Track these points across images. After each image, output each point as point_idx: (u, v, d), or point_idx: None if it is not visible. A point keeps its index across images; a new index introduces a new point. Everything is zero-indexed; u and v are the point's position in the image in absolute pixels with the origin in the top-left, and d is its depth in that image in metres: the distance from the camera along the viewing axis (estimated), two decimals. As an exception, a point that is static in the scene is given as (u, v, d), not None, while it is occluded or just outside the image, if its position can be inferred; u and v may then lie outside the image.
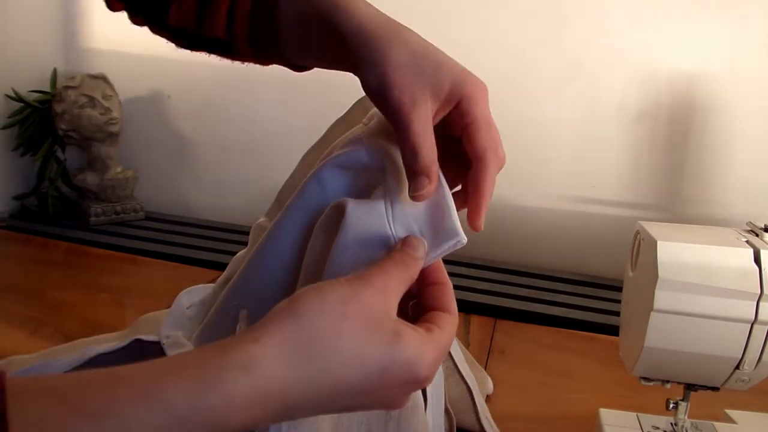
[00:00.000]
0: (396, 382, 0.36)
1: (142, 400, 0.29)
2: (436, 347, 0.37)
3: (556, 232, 1.13)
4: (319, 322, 0.34)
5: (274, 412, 0.33)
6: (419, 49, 0.42)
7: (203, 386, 0.30)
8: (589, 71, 1.07)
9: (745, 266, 0.52)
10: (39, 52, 1.23)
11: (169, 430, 0.29)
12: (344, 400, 0.35)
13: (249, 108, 1.22)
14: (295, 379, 0.33)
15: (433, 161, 0.41)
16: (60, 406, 0.27)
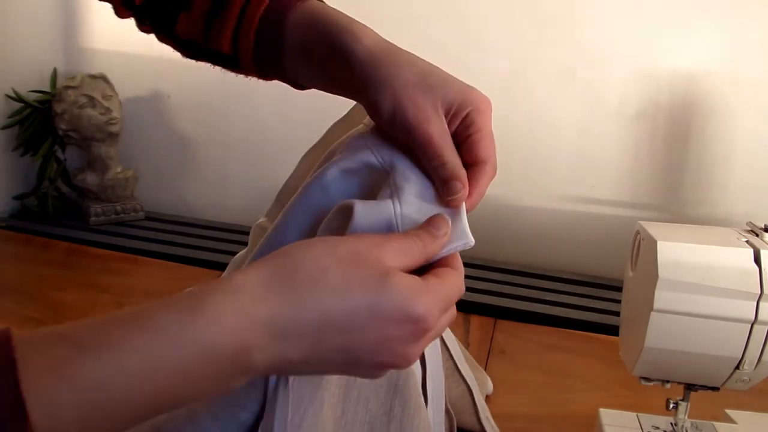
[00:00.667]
0: (389, 319, 0.35)
1: (134, 329, 0.31)
2: (434, 292, 0.37)
3: (556, 232, 1.13)
4: (304, 259, 0.35)
5: (261, 340, 0.33)
6: (425, 68, 0.45)
7: (190, 311, 0.32)
8: (589, 71, 1.07)
9: (745, 266, 0.52)
10: (39, 52, 1.23)
11: (162, 355, 0.30)
12: (335, 338, 0.34)
13: (249, 108, 1.22)
14: (279, 304, 0.33)
15: (461, 167, 0.43)
16: (61, 344, 0.29)
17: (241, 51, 0.51)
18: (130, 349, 0.30)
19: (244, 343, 0.32)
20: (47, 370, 0.28)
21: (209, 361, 0.32)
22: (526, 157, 1.12)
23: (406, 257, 0.38)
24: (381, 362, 0.37)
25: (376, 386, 0.46)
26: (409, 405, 0.46)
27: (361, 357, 0.36)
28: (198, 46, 0.54)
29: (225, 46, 0.52)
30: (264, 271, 0.34)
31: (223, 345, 0.32)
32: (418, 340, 0.37)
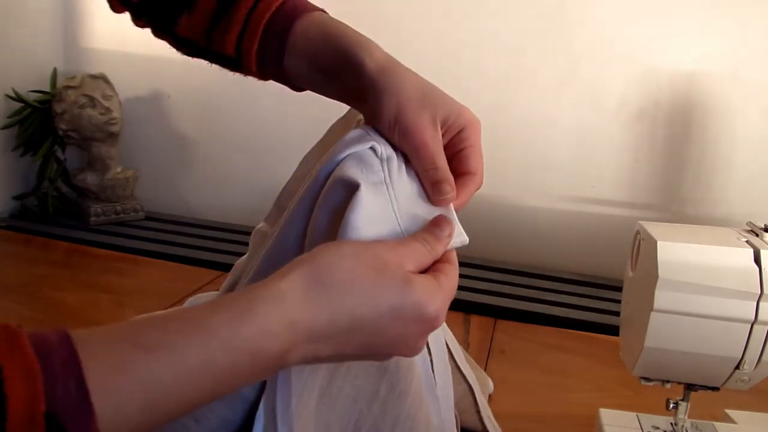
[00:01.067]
0: (407, 320, 0.40)
1: (191, 331, 0.33)
2: (443, 291, 0.41)
3: (556, 232, 1.13)
4: (335, 268, 0.39)
5: (300, 343, 0.37)
6: (425, 84, 0.49)
7: (241, 316, 0.35)
8: (589, 71, 1.07)
9: (745, 266, 0.52)
10: (39, 52, 1.23)
11: (216, 356, 0.33)
12: (360, 338, 0.39)
13: (249, 108, 1.22)
14: (317, 311, 0.37)
15: (450, 173, 0.48)
16: (121, 344, 0.32)
17: (245, 54, 0.53)
18: (188, 353, 0.33)
19: (285, 346, 0.36)
20: (110, 369, 0.31)
21: (254, 362, 0.35)
22: (526, 156, 1.12)
23: (419, 260, 0.42)
24: (393, 353, 0.42)
25: (367, 365, 0.47)
26: (395, 388, 0.47)
27: (377, 351, 0.41)
28: (198, 46, 0.54)
29: (228, 49, 0.53)
30: (302, 277, 0.38)
31: (268, 348, 0.35)
32: (427, 333, 0.42)
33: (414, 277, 0.40)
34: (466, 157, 0.50)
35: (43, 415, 0.28)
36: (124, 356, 0.31)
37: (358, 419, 0.47)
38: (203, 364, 0.33)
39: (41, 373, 0.29)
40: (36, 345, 0.30)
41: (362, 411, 0.47)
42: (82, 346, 0.30)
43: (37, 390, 0.28)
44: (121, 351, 0.31)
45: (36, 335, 0.30)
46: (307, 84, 0.55)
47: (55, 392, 0.29)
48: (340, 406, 0.46)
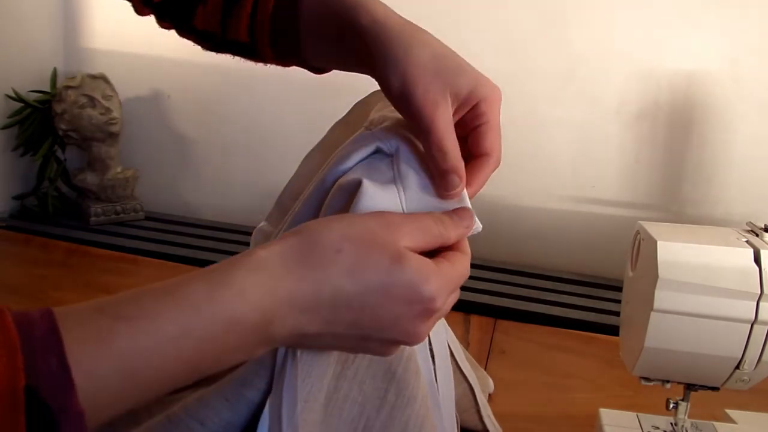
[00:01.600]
0: (399, 299, 0.37)
1: (168, 300, 0.33)
2: (444, 275, 0.39)
3: (556, 232, 1.13)
4: (320, 239, 0.37)
5: (282, 314, 0.35)
6: (440, 51, 0.44)
7: (218, 284, 0.34)
8: (589, 71, 1.07)
9: (745, 266, 0.52)
10: (39, 52, 1.23)
11: (192, 324, 0.33)
12: (347, 314, 0.37)
13: (249, 108, 1.22)
14: (297, 280, 0.35)
15: (460, 159, 0.43)
16: (101, 316, 0.31)
17: (258, 38, 0.52)
18: (164, 320, 0.32)
19: (266, 316, 0.35)
20: (89, 340, 0.30)
21: (233, 330, 0.34)
22: (526, 156, 1.12)
23: (423, 237, 0.40)
24: (391, 339, 0.39)
25: (374, 370, 0.46)
26: (403, 394, 0.47)
27: (371, 334, 0.38)
28: (216, 38, 0.54)
29: (242, 35, 0.52)
30: (284, 247, 0.36)
31: (246, 317, 0.34)
32: (427, 319, 0.39)
33: (407, 254, 0.38)
34: (481, 135, 0.45)
35: (23, 389, 0.28)
36: (104, 328, 0.31)
37: (365, 426, 0.46)
38: (180, 332, 0.32)
39: (21, 348, 0.29)
40: (18, 321, 0.30)
41: (370, 417, 0.46)
42: (63, 320, 0.30)
43: (17, 365, 0.28)
44: (100, 323, 0.31)
45: (19, 313, 0.31)
46: (321, 61, 0.52)
47: (36, 366, 0.28)
48: (348, 411, 0.46)
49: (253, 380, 0.43)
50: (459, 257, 0.41)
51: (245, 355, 0.37)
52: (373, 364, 0.46)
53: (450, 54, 0.45)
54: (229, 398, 0.43)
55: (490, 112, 0.45)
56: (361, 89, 0.52)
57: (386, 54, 0.43)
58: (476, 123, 0.45)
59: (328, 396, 0.45)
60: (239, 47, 0.54)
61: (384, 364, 0.46)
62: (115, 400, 0.31)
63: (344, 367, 0.46)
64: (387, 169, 0.44)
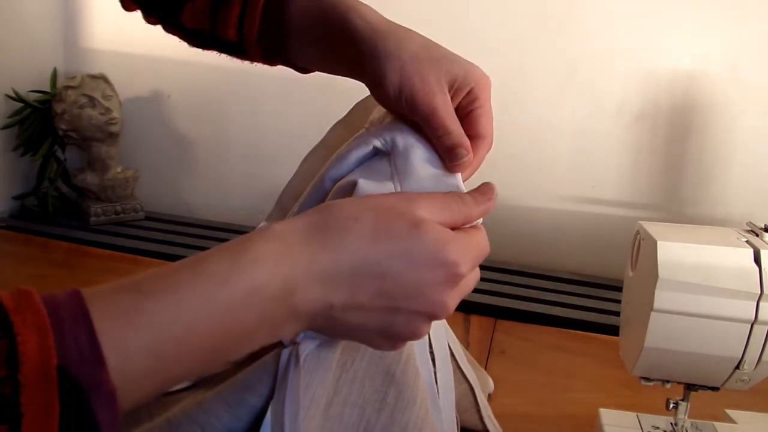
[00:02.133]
0: (422, 264, 0.37)
1: (189, 273, 0.33)
2: (465, 242, 0.39)
3: (556, 232, 1.13)
4: (338, 211, 0.37)
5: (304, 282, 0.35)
6: (428, 43, 0.46)
7: (236, 255, 0.34)
8: (589, 71, 1.07)
9: (745, 266, 0.52)
10: (39, 52, 1.23)
11: (214, 296, 0.33)
12: (371, 283, 0.36)
13: (249, 108, 1.22)
14: (316, 248, 0.35)
15: (465, 136, 0.44)
16: (126, 293, 0.32)
17: (246, 37, 0.52)
18: (186, 291, 0.32)
19: (287, 284, 0.35)
20: (117, 316, 0.30)
21: (255, 301, 0.34)
22: (526, 157, 1.12)
23: (442, 212, 0.40)
24: (419, 310, 0.38)
25: (373, 373, 0.46)
26: (403, 396, 0.47)
27: (399, 304, 0.37)
28: (204, 35, 0.54)
29: (231, 33, 0.53)
30: (300, 221, 0.37)
31: (266, 284, 0.34)
32: (453, 286, 0.38)
33: (426, 220, 0.38)
34: (475, 119, 0.46)
35: (55, 368, 0.28)
36: (130, 304, 0.31)
37: (366, 429, 0.46)
38: (201, 303, 0.32)
39: (51, 328, 0.28)
40: (46, 302, 0.30)
41: (370, 420, 0.46)
42: (90, 299, 0.30)
43: (48, 344, 0.28)
44: (127, 300, 0.31)
45: (48, 295, 0.30)
46: (308, 61, 0.53)
47: (66, 345, 0.28)
48: (348, 415, 0.46)
49: (256, 385, 0.43)
50: (476, 231, 0.42)
51: (271, 331, 0.36)
52: (372, 367, 0.46)
53: (437, 45, 0.46)
54: (230, 403, 0.43)
55: (483, 97, 0.46)
56: (361, 89, 0.52)
57: (380, 52, 0.44)
58: (470, 108, 0.46)
59: (328, 400, 0.45)
60: (227, 45, 0.54)
61: (383, 366, 0.46)
62: (145, 379, 0.31)
63: (343, 371, 0.46)
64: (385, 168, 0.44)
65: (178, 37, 0.57)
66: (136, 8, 0.58)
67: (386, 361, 0.46)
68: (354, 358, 0.46)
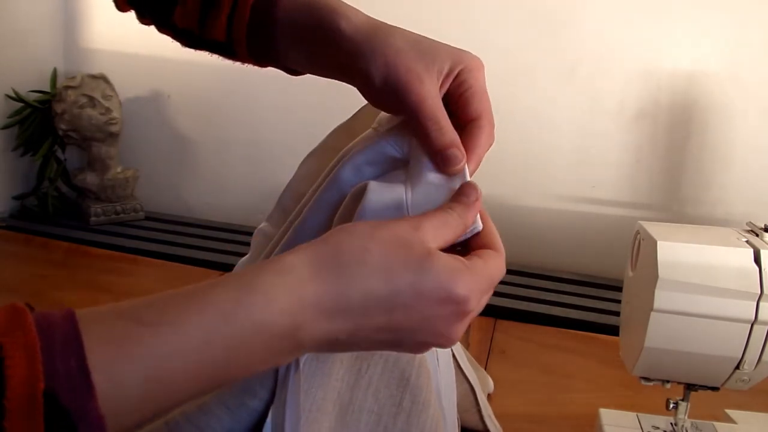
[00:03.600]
0: (431, 299, 0.36)
1: (193, 305, 0.32)
2: (476, 274, 0.37)
3: (556, 232, 1.13)
4: (347, 242, 0.36)
5: (312, 319, 0.34)
6: (414, 36, 0.45)
7: (245, 289, 0.33)
8: (589, 71, 1.07)
9: (745, 266, 0.52)
10: (39, 52, 1.23)
11: (218, 330, 0.32)
12: (379, 318, 0.36)
13: (249, 108, 1.22)
14: (326, 284, 0.35)
15: (455, 132, 0.42)
16: (122, 320, 0.31)
17: (235, 39, 0.52)
18: (189, 326, 0.31)
19: (294, 322, 0.34)
20: (110, 344, 0.30)
21: (262, 338, 0.33)
22: (526, 156, 1.12)
23: (446, 232, 0.39)
24: (424, 341, 0.38)
25: (388, 378, 0.46)
26: (418, 400, 0.46)
27: (404, 336, 0.37)
28: (194, 36, 0.55)
29: (220, 35, 0.53)
30: (311, 252, 0.36)
31: (274, 323, 0.33)
32: (460, 320, 0.38)
33: (436, 253, 0.37)
34: (466, 100, 0.44)
35: (42, 392, 0.27)
36: (125, 332, 0.30)
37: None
38: (205, 337, 0.31)
39: (41, 351, 0.28)
40: (39, 322, 0.29)
41: (387, 426, 0.46)
42: (84, 322, 0.30)
43: (36, 368, 0.28)
44: (122, 327, 0.31)
45: (42, 314, 0.30)
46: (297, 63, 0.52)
47: (56, 369, 0.28)
48: (365, 422, 0.46)
49: (256, 389, 0.43)
50: (492, 255, 0.40)
51: (273, 363, 0.36)
52: (386, 373, 0.46)
53: (425, 38, 0.45)
54: (230, 406, 0.43)
55: (473, 78, 0.44)
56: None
57: (365, 51, 0.44)
58: (460, 91, 0.44)
59: (344, 408, 0.45)
60: (216, 46, 0.54)
61: (398, 371, 0.46)
62: (139, 407, 0.31)
63: (358, 377, 0.46)
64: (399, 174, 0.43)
65: (171, 38, 0.58)
66: (129, 9, 0.59)
67: (401, 366, 0.46)
68: (369, 364, 0.46)
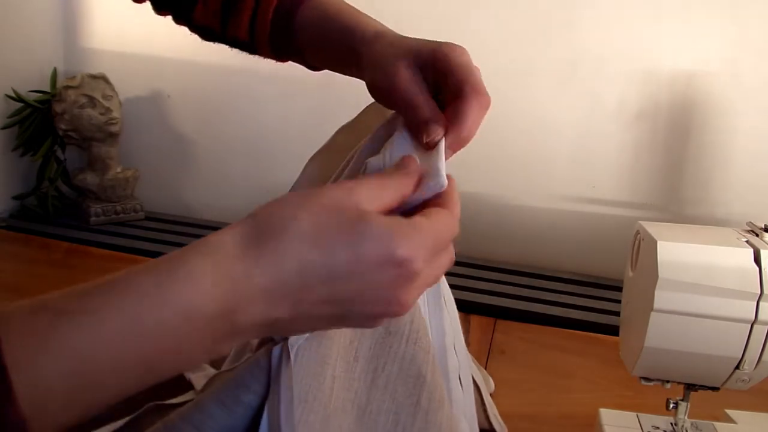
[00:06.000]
0: (371, 261, 0.33)
1: (114, 292, 0.30)
2: (418, 231, 0.34)
3: (556, 232, 1.13)
4: (275, 214, 0.34)
5: (245, 300, 0.32)
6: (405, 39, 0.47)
7: (168, 273, 0.31)
8: (589, 71, 1.07)
9: (745, 266, 0.52)
10: (39, 52, 1.23)
11: (143, 318, 0.30)
12: (319, 289, 0.33)
13: (249, 107, 1.22)
14: (257, 259, 0.32)
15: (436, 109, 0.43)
16: (41, 313, 0.29)
17: (258, 38, 0.54)
18: (109, 314, 0.29)
19: (226, 305, 0.32)
20: (28, 340, 0.28)
21: (193, 325, 0.31)
22: (526, 157, 1.12)
23: (384, 194, 0.37)
24: (372, 312, 0.35)
25: (405, 377, 0.46)
26: (434, 397, 0.46)
27: (349, 308, 0.34)
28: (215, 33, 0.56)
29: (242, 34, 0.55)
30: (236, 229, 0.33)
31: (204, 306, 0.31)
32: (407, 284, 0.35)
33: (372, 213, 0.34)
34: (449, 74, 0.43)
35: None
36: (45, 325, 0.28)
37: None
38: (129, 325, 0.29)
39: None
40: None
41: (406, 426, 0.45)
42: (3, 319, 0.28)
43: None
44: (42, 320, 0.28)
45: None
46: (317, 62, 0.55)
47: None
48: (383, 423, 0.45)
49: (250, 383, 0.43)
50: (440, 212, 0.37)
51: (210, 349, 0.33)
52: (403, 371, 0.46)
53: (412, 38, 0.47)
54: (225, 402, 0.42)
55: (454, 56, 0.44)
56: (362, 89, 0.52)
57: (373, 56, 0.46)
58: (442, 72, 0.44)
59: (361, 408, 0.45)
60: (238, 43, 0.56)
61: (414, 369, 0.46)
62: (65, 405, 0.28)
63: (374, 377, 0.45)
64: None
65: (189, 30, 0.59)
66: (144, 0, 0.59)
67: (417, 363, 0.46)
68: (385, 362, 0.46)
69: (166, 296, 0.30)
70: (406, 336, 0.47)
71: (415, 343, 0.47)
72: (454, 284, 1.00)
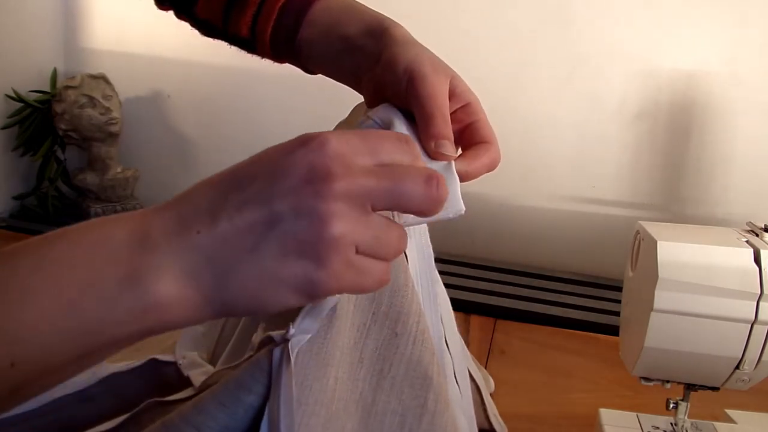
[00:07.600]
0: (280, 146, 0.33)
1: (30, 245, 0.30)
2: (349, 132, 0.34)
3: (556, 232, 1.13)
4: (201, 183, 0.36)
5: (157, 209, 0.34)
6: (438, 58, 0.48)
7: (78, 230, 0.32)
8: (589, 71, 1.07)
9: (745, 266, 0.52)
10: (39, 52, 1.23)
11: (53, 254, 0.30)
12: (232, 196, 0.33)
13: (249, 107, 1.22)
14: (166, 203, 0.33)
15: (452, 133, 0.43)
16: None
17: (259, 37, 0.54)
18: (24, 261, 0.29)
19: (134, 225, 0.33)
20: None
21: (102, 245, 0.31)
22: (526, 157, 1.12)
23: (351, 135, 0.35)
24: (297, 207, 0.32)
25: (411, 378, 0.46)
26: (440, 399, 0.46)
27: (269, 206, 0.32)
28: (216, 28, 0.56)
29: (243, 31, 0.54)
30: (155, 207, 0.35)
31: (113, 233, 0.32)
32: (324, 183, 0.31)
33: None
34: (477, 129, 0.46)
35: None
36: None
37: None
38: (38, 261, 0.29)
39: None
40: None
41: (412, 428, 0.46)
42: None
43: None
44: None
45: None
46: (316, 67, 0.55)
47: None
48: (388, 425, 0.45)
49: (250, 383, 0.43)
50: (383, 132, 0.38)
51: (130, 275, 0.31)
52: (410, 372, 0.46)
53: None
54: (225, 402, 0.42)
55: (482, 113, 0.47)
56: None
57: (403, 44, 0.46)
58: (470, 120, 0.46)
59: (366, 410, 0.45)
60: (238, 41, 0.56)
61: (421, 370, 0.46)
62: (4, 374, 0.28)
63: (380, 378, 0.45)
64: None
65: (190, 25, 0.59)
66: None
67: (424, 364, 0.46)
68: (391, 364, 0.46)
69: (71, 236, 0.31)
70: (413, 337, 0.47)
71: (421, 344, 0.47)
72: (454, 284, 1.00)
